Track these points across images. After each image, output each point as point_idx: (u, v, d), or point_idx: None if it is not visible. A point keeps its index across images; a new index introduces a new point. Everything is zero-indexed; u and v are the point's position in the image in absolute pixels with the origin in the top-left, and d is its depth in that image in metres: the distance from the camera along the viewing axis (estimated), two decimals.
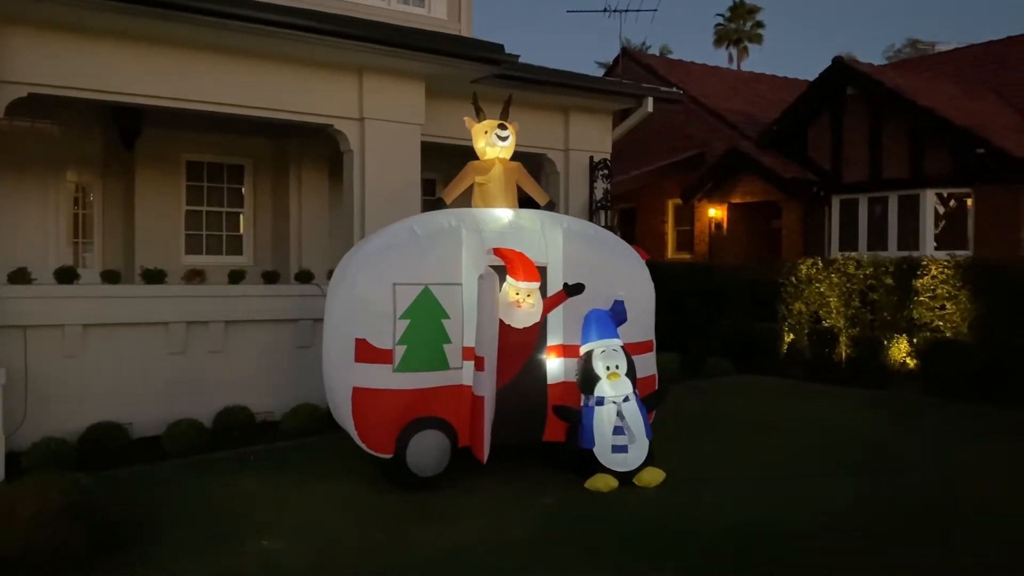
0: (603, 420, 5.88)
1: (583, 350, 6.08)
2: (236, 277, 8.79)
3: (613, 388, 5.90)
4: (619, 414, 5.86)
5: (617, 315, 6.16)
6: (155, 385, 8.16)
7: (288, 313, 8.74)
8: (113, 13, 7.38)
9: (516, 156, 11.97)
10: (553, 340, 6.27)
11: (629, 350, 6.26)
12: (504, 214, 6.32)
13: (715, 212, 19.09)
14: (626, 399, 5.91)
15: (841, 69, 16.59)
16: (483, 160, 6.56)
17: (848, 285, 10.94)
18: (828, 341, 10.90)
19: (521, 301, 5.87)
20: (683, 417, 8.35)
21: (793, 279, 11.60)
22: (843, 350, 10.81)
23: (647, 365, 6.62)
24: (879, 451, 7.04)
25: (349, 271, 5.98)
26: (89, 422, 7.64)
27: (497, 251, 5.87)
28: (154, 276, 8.36)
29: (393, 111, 9.38)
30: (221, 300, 8.53)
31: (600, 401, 5.91)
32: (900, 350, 10.13)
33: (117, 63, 7.92)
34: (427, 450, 5.89)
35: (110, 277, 8.25)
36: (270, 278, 9.10)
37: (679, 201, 19.84)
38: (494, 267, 5.96)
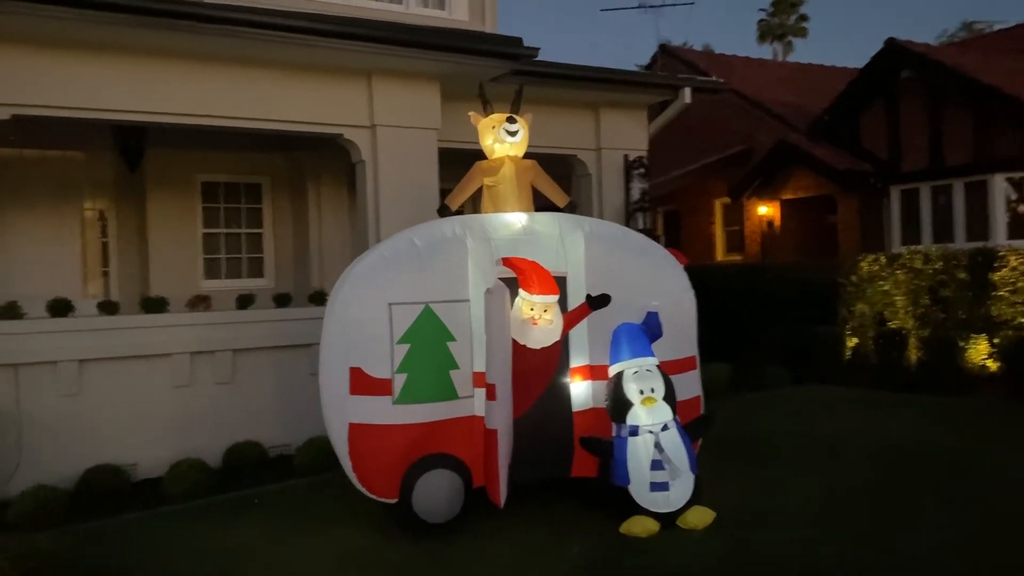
0: (638, 453, 5.05)
1: (612, 371, 5.27)
2: (245, 302, 8.19)
3: (649, 415, 5.07)
4: (657, 445, 5.02)
5: (651, 329, 5.33)
6: (160, 422, 7.61)
7: (301, 338, 8.07)
8: (102, 24, 6.85)
9: (543, 158, 11.33)
10: (578, 361, 5.46)
11: (667, 369, 5.43)
12: (516, 219, 5.54)
13: (766, 210, 18.08)
14: (665, 427, 5.07)
15: (895, 51, 15.52)
16: (491, 160, 5.80)
17: (916, 282, 9.92)
18: (896, 344, 9.88)
19: (537, 317, 5.09)
20: (735, 439, 7.46)
21: (854, 278, 10.60)
22: (913, 353, 9.78)
23: (690, 386, 5.77)
24: (969, 473, 6.08)
25: (341, 291, 5.25)
26: (89, 465, 7.09)
27: (506, 261, 5.09)
28: (154, 305, 7.79)
29: (406, 116, 8.70)
30: (227, 327, 7.93)
31: (634, 431, 5.08)
32: (979, 351, 9.08)
33: (107, 79, 7.41)
34: (436, 493, 5.13)
35: (107, 308, 7.69)
36: (281, 301, 8.48)
37: (727, 200, 18.87)
38: (504, 279, 5.19)
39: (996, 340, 8.98)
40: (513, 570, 4.68)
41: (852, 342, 10.34)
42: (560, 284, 5.34)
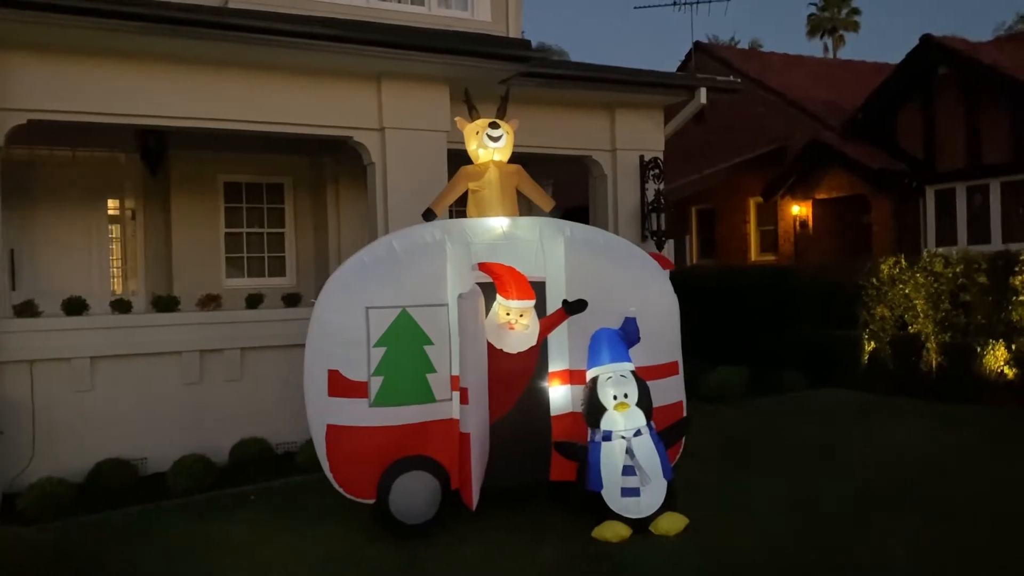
0: (611, 458, 5.06)
1: (589, 376, 5.28)
2: (254, 301, 8.36)
3: (621, 420, 5.07)
4: (628, 451, 5.03)
5: (628, 335, 5.33)
6: (171, 418, 7.78)
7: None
8: (115, 32, 7.04)
9: (557, 159, 11.40)
10: (557, 365, 5.50)
11: (647, 374, 5.43)
12: (498, 224, 5.58)
13: (799, 210, 17.84)
14: (638, 433, 5.08)
15: (931, 48, 15.20)
16: (476, 164, 5.84)
17: (936, 286, 9.71)
18: (913, 349, 9.68)
19: (513, 322, 5.13)
20: (735, 443, 7.43)
21: (874, 280, 10.42)
22: (932, 358, 9.58)
23: (670, 391, 5.75)
24: (962, 486, 5.95)
25: (322, 295, 5.36)
26: (100, 459, 7.31)
27: (483, 266, 5.15)
28: (165, 304, 8.00)
29: (415, 119, 8.78)
30: (236, 326, 8.10)
31: (607, 436, 5.09)
32: (997, 358, 8.86)
33: (120, 84, 7.61)
34: (413, 494, 5.20)
35: (120, 306, 7.92)
36: (290, 301, 8.63)
37: (761, 200, 18.65)
38: (482, 284, 5.24)
39: (1014, 346, 8.76)
40: (494, 573, 4.72)
41: (870, 346, 10.16)
42: (539, 289, 5.37)
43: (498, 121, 5.81)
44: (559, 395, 5.48)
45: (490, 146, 5.73)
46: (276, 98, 8.27)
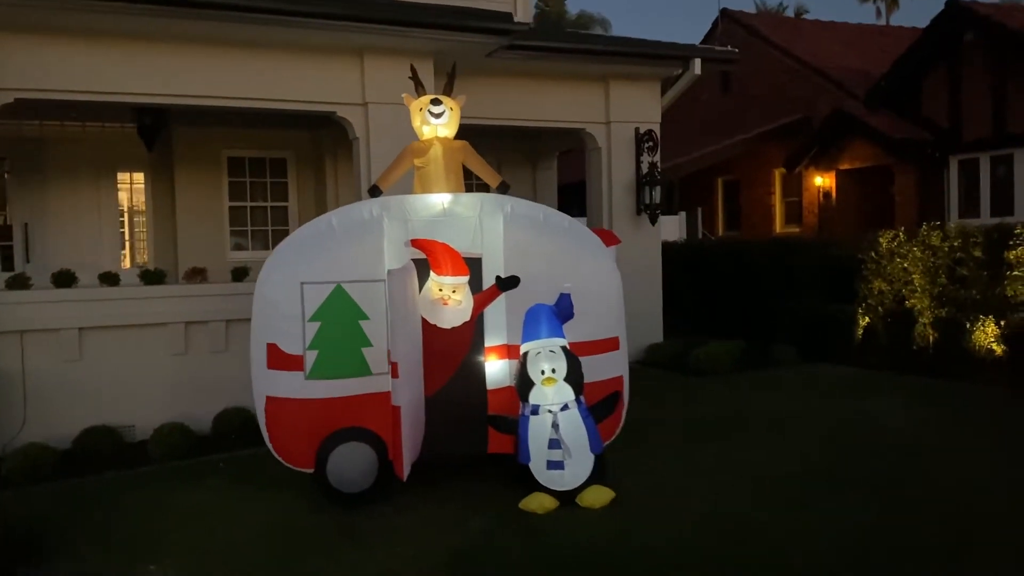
0: (538, 432, 5.14)
1: (521, 351, 5.34)
2: (239, 274, 8.55)
3: (549, 395, 5.14)
4: (554, 425, 5.09)
5: (562, 310, 5.37)
6: (157, 387, 8.04)
7: None
8: (97, 13, 7.24)
9: (546, 131, 11.36)
10: (494, 340, 5.56)
11: (586, 350, 5.48)
12: (439, 200, 5.64)
13: (822, 181, 17.51)
14: (565, 407, 5.13)
15: (957, 13, 14.72)
16: (421, 141, 5.90)
17: (933, 260, 9.49)
18: (907, 324, 9.51)
19: (447, 298, 5.21)
20: (703, 417, 7.44)
21: (873, 254, 10.22)
22: (928, 334, 9.40)
23: (612, 366, 5.79)
24: (913, 465, 5.88)
25: (262, 270, 5.50)
26: (89, 426, 7.60)
27: (415, 242, 5.23)
28: (153, 277, 8.24)
29: (398, 94, 8.76)
30: (220, 299, 8.30)
31: (535, 410, 5.16)
32: (986, 334, 8.65)
33: (104, 63, 7.82)
34: (350, 464, 5.35)
35: (108, 279, 8.18)
36: None
37: (785, 171, 18.33)
38: (418, 261, 5.32)
39: (1003, 323, 8.54)
40: (412, 543, 4.84)
41: (864, 321, 10.01)
42: (475, 265, 5.44)
43: (440, 97, 5.85)
44: (496, 369, 5.56)
45: (432, 122, 5.78)
46: (260, 74, 8.41)
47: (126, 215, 11.93)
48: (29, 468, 6.78)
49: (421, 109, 5.81)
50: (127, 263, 11.69)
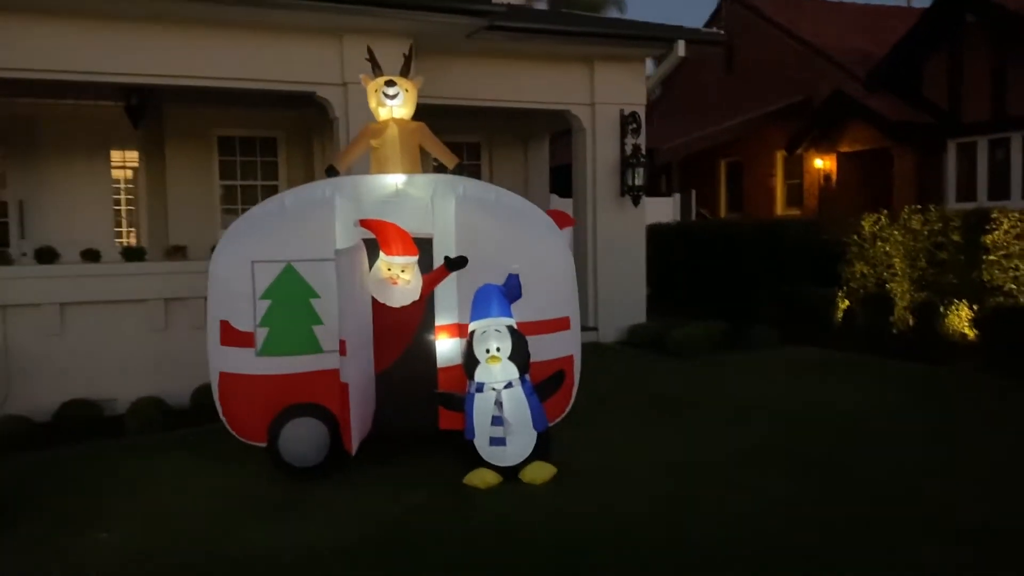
0: (482, 408, 5.25)
1: (468, 330, 5.44)
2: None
3: (492, 373, 5.24)
4: (497, 403, 5.20)
5: (510, 290, 5.46)
6: (137, 362, 8.19)
7: None
8: None
9: (529, 113, 11.39)
10: (445, 319, 5.66)
11: (536, 329, 5.57)
12: (392, 180, 5.74)
13: (822, 163, 17.42)
14: (509, 385, 5.24)
15: None
16: (377, 122, 5.99)
17: (913, 244, 9.49)
18: (884, 308, 9.53)
19: (395, 277, 5.31)
20: (663, 399, 7.52)
21: (856, 237, 10.23)
22: (907, 317, 9.41)
23: (562, 345, 5.86)
24: (855, 447, 5.95)
25: (216, 249, 5.63)
26: (71, 398, 7.79)
27: (364, 223, 5.31)
28: (133, 254, 8.42)
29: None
30: (200, 276, 8.39)
31: (479, 387, 5.27)
32: (960, 318, 8.66)
33: (82, 42, 7.95)
34: (301, 439, 5.48)
35: (89, 256, 8.37)
36: None
37: (786, 153, 18.25)
38: (368, 241, 5.43)
39: (975, 307, 8.54)
40: (351, 514, 4.99)
41: (844, 304, 10.02)
42: (425, 246, 5.53)
43: (395, 79, 5.92)
44: (447, 348, 5.65)
45: (387, 103, 5.86)
46: (242, 55, 8.53)
47: (110, 192, 12.10)
48: (4, 441, 6.98)
49: (376, 90, 5.89)
50: (126, 240, 11.89)
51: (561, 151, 14.26)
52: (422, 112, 9.21)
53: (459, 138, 12.41)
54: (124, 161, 12.00)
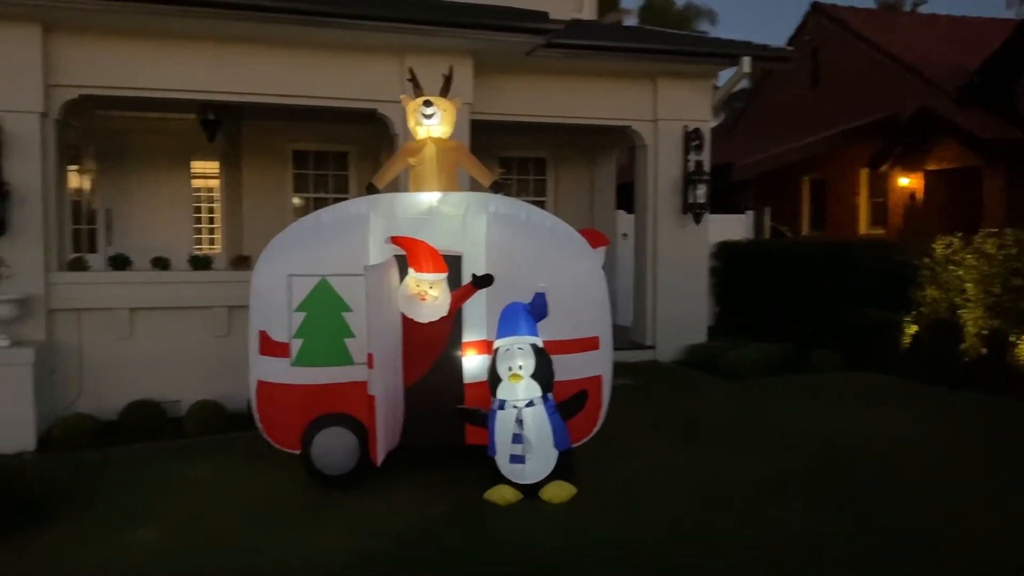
0: (503, 426, 5.30)
1: (493, 347, 5.51)
2: None
3: (514, 391, 5.29)
4: (519, 420, 5.25)
5: (536, 309, 5.50)
6: (201, 365, 8.55)
7: None
8: (153, 15, 7.81)
9: (595, 129, 11.38)
10: (473, 335, 5.75)
11: (562, 348, 5.61)
12: (427, 199, 5.87)
13: (908, 181, 16.81)
14: (530, 404, 5.27)
15: None
16: (416, 141, 6.13)
17: (988, 268, 9.09)
18: (953, 334, 9.14)
19: (424, 294, 5.43)
20: (706, 421, 7.43)
21: (928, 261, 9.86)
22: (978, 346, 9.01)
23: (590, 366, 5.87)
24: (897, 481, 5.74)
25: (257, 262, 5.87)
26: (136, 399, 8.19)
27: (395, 240, 5.46)
28: (200, 263, 8.79)
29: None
30: None
31: (501, 405, 5.33)
32: None
33: (162, 62, 8.39)
34: (332, 448, 5.65)
35: (159, 264, 8.78)
36: None
37: (870, 170, 17.70)
38: (401, 257, 5.56)
39: None
40: (369, 524, 5.11)
41: (912, 329, 9.67)
42: (455, 263, 5.63)
43: (432, 99, 6.05)
44: (474, 364, 5.74)
45: (424, 123, 6.00)
46: (308, 73, 8.86)
47: (203, 202, 12.66)
48: (68, 436, 7.38)
49: (415, 110, 6.03)
50: (203, 249, 12.40)
51: (630, 168, 14.22)
52: (483, 128, 9.50)
53: (524, 153, 12.53)
54: (205, 172, 12.53)
